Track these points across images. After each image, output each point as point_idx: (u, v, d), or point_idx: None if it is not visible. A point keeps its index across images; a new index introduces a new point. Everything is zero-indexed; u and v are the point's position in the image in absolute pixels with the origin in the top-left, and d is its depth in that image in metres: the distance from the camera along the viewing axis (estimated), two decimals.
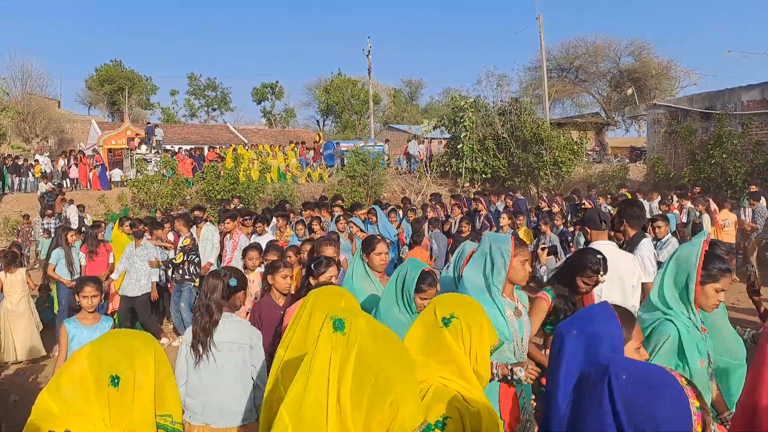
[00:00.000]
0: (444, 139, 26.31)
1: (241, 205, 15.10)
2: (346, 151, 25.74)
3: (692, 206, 11.49)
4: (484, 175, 22.56)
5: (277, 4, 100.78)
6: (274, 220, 9.66)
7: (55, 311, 8.71)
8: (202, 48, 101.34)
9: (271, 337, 4.01)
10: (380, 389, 1.65)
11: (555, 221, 10.40)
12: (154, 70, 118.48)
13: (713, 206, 11.47)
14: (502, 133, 22.22)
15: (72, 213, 17.40)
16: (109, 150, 27.85)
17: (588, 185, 19.88)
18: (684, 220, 11.55)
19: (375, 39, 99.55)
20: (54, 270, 8.29)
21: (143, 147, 25.50)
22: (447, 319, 2.29)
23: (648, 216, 13.31)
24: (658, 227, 5.80)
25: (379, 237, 4.73)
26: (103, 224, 10.38)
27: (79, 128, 40.61)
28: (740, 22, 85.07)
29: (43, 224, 15.27)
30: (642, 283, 4.62)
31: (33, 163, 23.56)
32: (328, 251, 5.15)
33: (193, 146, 28.92)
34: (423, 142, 25.77)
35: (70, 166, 23.20)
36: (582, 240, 8.84)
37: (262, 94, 55.68)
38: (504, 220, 9.75)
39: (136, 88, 51.36)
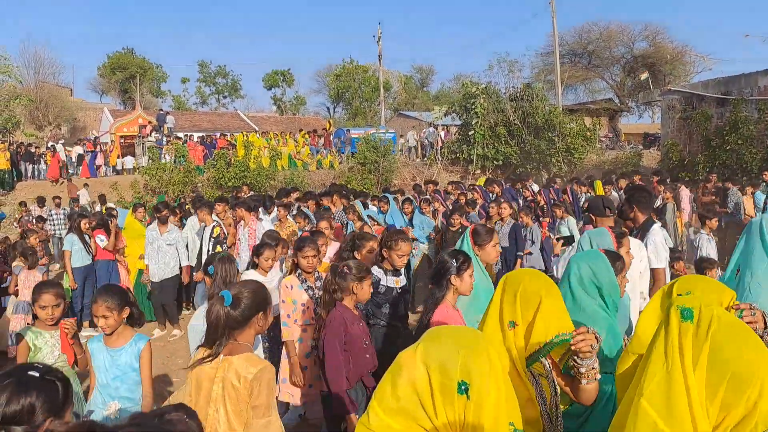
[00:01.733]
0: (455, 125, 26.19)
1: (252, 192, 15.08)
2: (339, 140, 25.59)
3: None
4: (495, 162, 22.44)
5: None
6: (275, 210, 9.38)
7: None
8: (212, 35, 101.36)
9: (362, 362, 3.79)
10: (738, 383, 1.54)
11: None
12: (165, 57, 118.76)
13: (685, 194, 11.40)
14: (514, 120, 22.05)
15: (83, 197, 17.74)
16: (121, 137, 27.96)
17: (605, 173, 19.72)
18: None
19: (385, 25, 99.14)
20: (70, 256, 8.36)
21: (154, 134, 25.61)
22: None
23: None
24: None
25: (493, 227, 4.54)
26: (116, 211, 10.46)
27: (92, 116, 40.84)
28: (758, 6, 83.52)
29: (52, 214, 15.39)
30: (651, 269, 4.57)
31: (45, 151, 23.73)
32: (370, 244, 4.96)
33: (204, 133, 28.97)
34: (443, 128, 25.70)
35: (96, 154, 23.50)
36: (564, 229, 8.63)
37: (273, 81, 55.59)
38: (505, 210, 9.08)
39: (148, 75, 51.46)
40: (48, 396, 1.81)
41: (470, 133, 22.61)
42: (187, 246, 8.67)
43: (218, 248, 8.01)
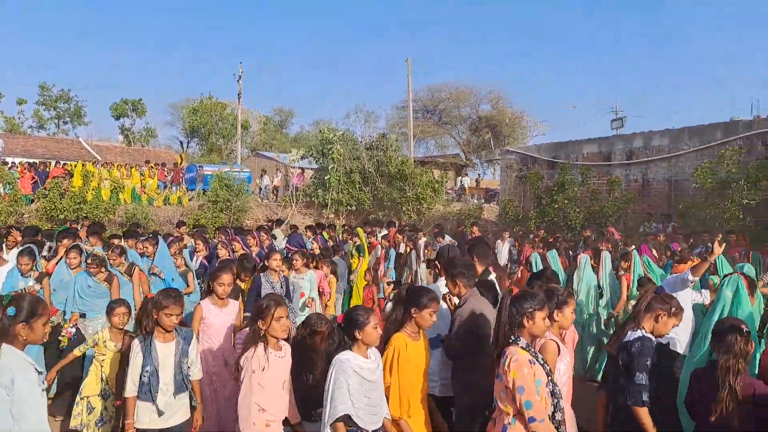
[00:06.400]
0: (312, 169, 26.40)
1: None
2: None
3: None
4: (349, 207, 22.85)
5: (155, 16, 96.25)
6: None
7: None
8: (57, 57, 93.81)
9: None
10: None
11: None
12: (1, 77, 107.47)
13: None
14: (369, 167, 22.73)
15: None
16: None
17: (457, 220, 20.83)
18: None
19: (247, 65, 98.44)
20: None
21: None
22: None
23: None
24: None
25: None
26: None
27: None
28: (583, 79, 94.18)
29: None
30: None
31: None
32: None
33: (37, 160, 26.45)
34: (279, 171, 25.81)
35: None
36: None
37: (122, 111, 52.48)
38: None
39: None
40: None
41: (326, 178, 22.90)
42: None
43: None
